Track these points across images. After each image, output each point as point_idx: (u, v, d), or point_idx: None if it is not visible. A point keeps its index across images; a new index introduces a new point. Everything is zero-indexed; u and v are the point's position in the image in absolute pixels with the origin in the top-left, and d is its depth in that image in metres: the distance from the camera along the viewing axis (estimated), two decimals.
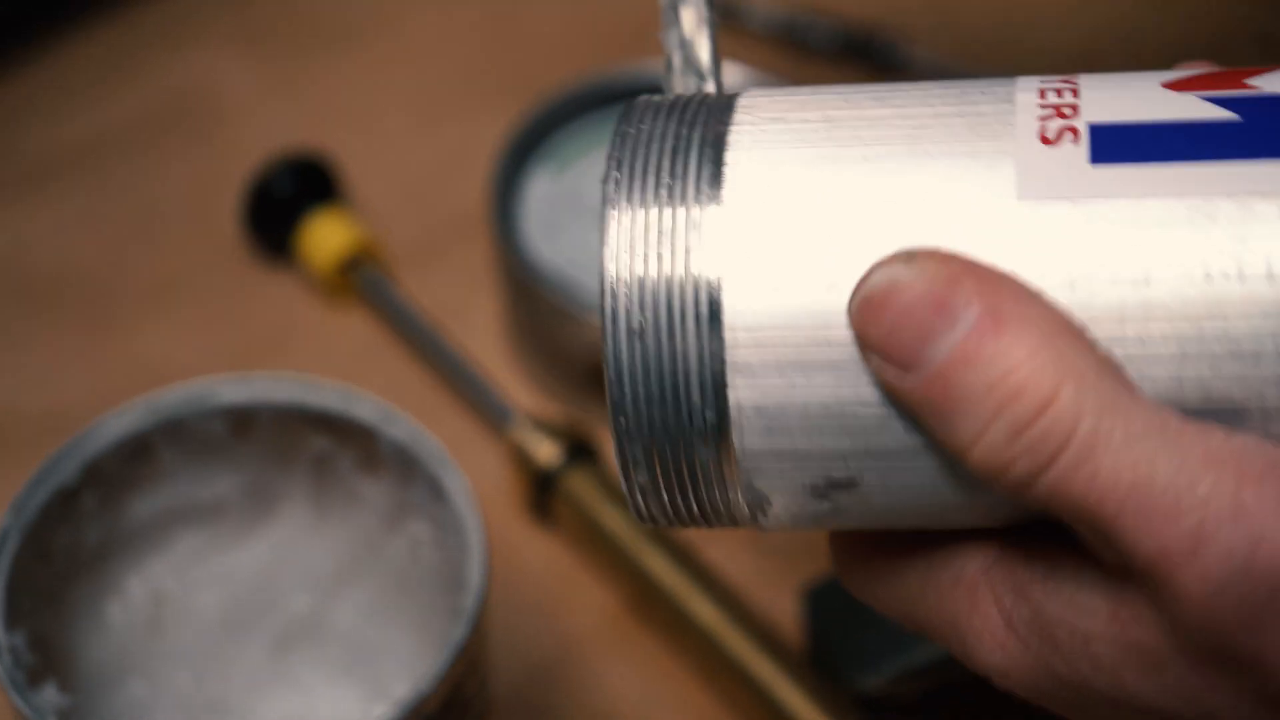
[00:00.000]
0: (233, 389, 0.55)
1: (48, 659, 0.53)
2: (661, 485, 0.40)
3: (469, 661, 0.51)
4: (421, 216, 0.71)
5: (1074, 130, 0.38)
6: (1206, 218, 0.37)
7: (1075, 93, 0.39)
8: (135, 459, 0.55)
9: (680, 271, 0.39)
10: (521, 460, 0.63)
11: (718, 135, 0.40)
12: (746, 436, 0.39)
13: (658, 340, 0.39)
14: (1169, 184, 0.37)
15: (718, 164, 0.39)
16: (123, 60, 0.76)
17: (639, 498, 0.41)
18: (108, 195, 0.72)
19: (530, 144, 0.69)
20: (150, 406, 0.55)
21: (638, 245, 0.39)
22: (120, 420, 0.54)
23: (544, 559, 0.63)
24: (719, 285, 0.39)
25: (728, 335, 0.39)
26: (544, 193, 0.68)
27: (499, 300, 0.68)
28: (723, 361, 0.39)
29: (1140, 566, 0.36)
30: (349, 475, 0.56)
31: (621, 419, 0.39)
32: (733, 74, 0.69)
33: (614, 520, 0.62)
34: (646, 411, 0.39)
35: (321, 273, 0.68)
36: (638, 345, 0.39)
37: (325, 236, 0.68)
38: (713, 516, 0.41)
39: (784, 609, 0.60)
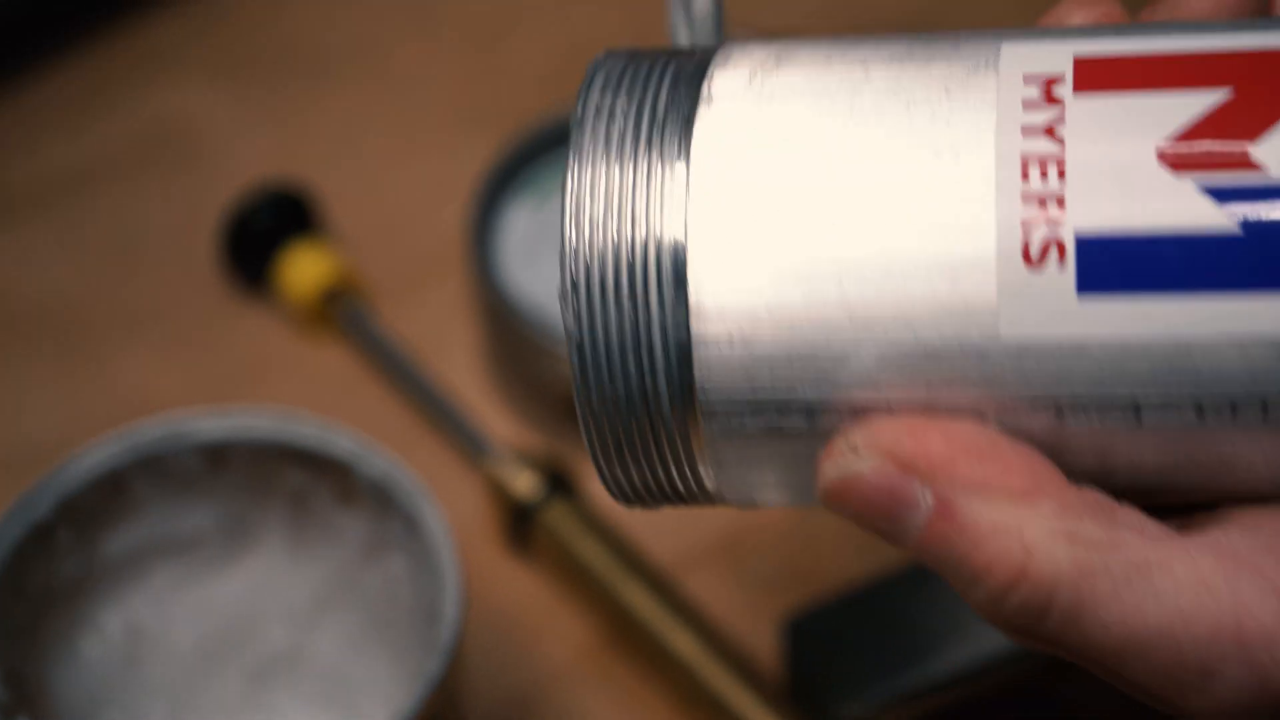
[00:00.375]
0: (209, 423, 0.55)
1: (22, 694, 0.53)
2: (630, 461, 0.39)
3: (445, 695, 0.51)
4: (401, 248, 0.71)
5: (1060, 248, 0.35)
6: (1204, 360, 0.35)
7: (1062, 169, 0.36)
8: (111, 494, 0.55)
9: (643, 233, 0.37)
10: (499, 492, 0.63)
11: (689, 106, 0.38)
12: (718, 449, 0.38)
13: (619, 310, 0.37)
14: (1163, 321, 0.35)
15: (687, 141, 0.37)
16: (102, 91, 0.76)
17: (604, 468, 0.39)
18: (85, 226, 0.72)
19: (509, 176, 0.69)
20: (126, 441, 0.55)
21: (598, 203, 0.37)
22: (96, 455, 0.54)
23: (522, 591, 0.63)
24: (684, 251, 0.37)
25: (694, 318, 0.37)
26: (523, 225, 0.68)
27: (478, 332, 0.68)
28: (689, 351, 0.37)
29: (1152, 695, 0.36)
30: (326, 509, 0.56)
31: (583, 388, 0.38)
32: None
33: (592, 552, 0.62)
34: (610, 385, 0.38)
35: (300, 305, 0.68)
36: (598, 313, 0.37)
37: (304, 268, 0.68)
38: (686, 496, 0.40)
39: (763, 641, 0.60)
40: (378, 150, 0.74)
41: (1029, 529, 0.36)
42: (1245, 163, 0.35)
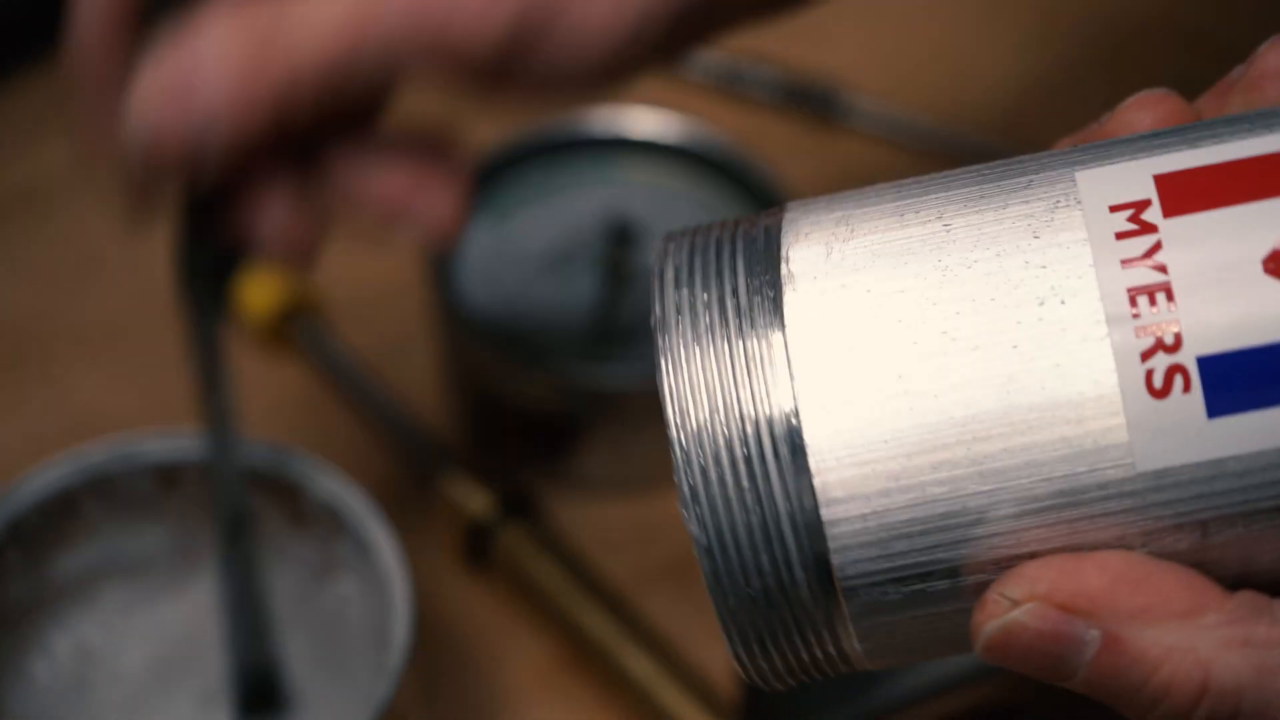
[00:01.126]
0: (160, 445, 0.55)
1: None
2: (773, 651, 0.38)
3: (396, 717, 0.51)
4: (361, 266, 0.71)
5: (1184, 374, 0.35)
6: None
7: (1171, 296, 0.35)
8: (61, 515, 0.55)
9: (753, 411, 0.36)
10: (456, 512, 0.63)
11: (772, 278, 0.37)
12: (859, 610, 0.37)
13: (744, 508, 0.36)
14: None
15: (777, 301, 0.37)
16: (60, 107, 0.75)
17: (747, 662, 0.38)
18: (43, 243, 0.72)
19: (469, 194, 0.68)
20: (76, 462, 0.55)
21: (701, 407, 0.36)
22: (45, 477, 0.54)
23: (478, 611, 0.63)
24: (801, 436, 0.36)
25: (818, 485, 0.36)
26: (483, 243, 0.68)
27: (437, 352, 0.68)
28: (822, 536, 0.36)
29: None
30: (277, 531, 0.56)
31: (717, 589, 0.37)
32: (674, 124, 0.69)
33: (549, 573, 0.62)
34: (745, 582, 0.37)
35: (259, 324, 0.68)
36: (722, 514, 0.36)
37: (262, 287, 0.68)
38: (830, 670, 0.39)
39: (719, 662, 0.60)
40: None
41: (1201, 645, 0.36)
42: None
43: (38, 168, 0.74)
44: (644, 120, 0.70)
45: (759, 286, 0.37)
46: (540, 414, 0.65)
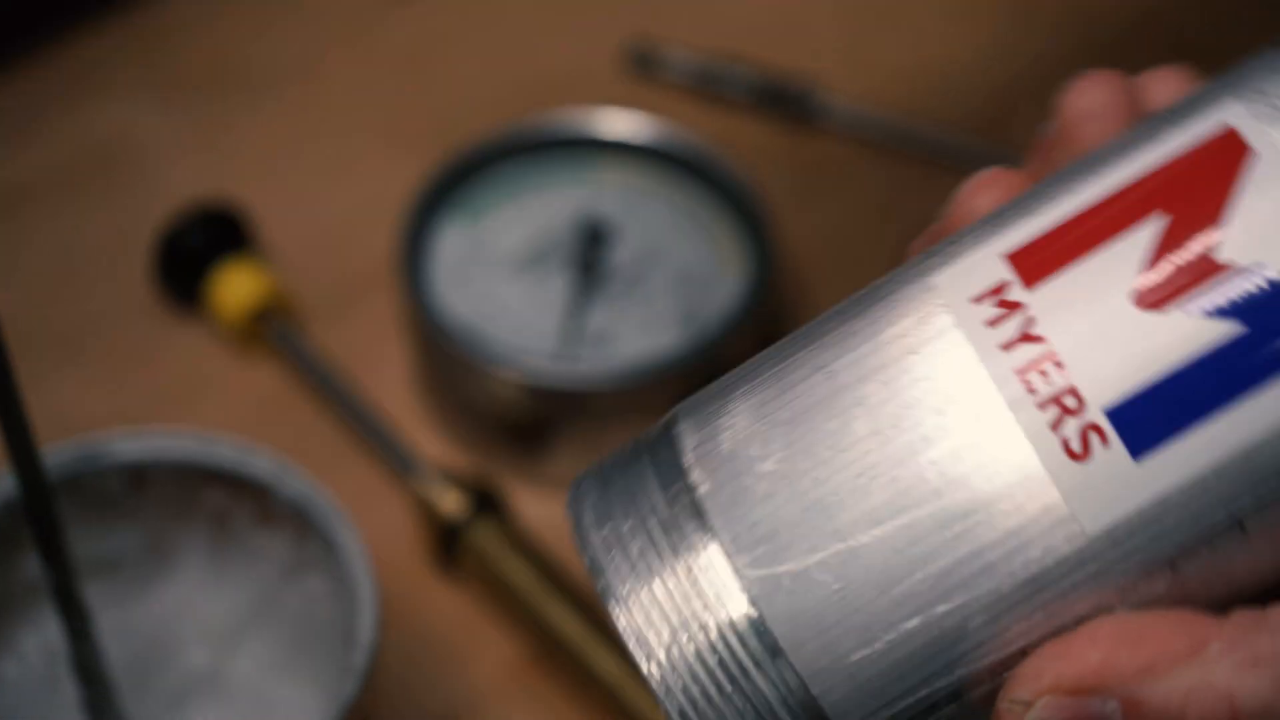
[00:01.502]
0: (129, 444, 0.55)
1: None
2: None
3: (361, 716, 0.51)
4: (334, 266, 0.71)
5: (1097, 430, 0.36)
6: (1275, 451, 0.36)
7: (1058, 362, 0.36)
8: None
9: (717, 625, 0.36)
10: (427, 511, 0.63)
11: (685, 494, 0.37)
12: None
13: (727, 700, 0.36)
14: (1222, 439, 0.36)
15: (698, 511, 0.37)
16: (35, 110, 0.76)
17: None
18: (18, 245, 0.72)
19: (442, 195, 0.69)
20: (45, 462, 0.55)
21: (655, 617, 0.37)
22: (12, 478, 0.54)
23: (449, 610, 0.63)
24: (767, 629, 0.36)
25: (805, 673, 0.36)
26: (455, 244, 0.68)
27: (408, 352, 0.68)
28: (814, 703, 0.36)
29: None
30: (246, 530, 0.56)
31: None
32: (648, 125, 0.70)
33: (518, 572, 0.62)
34: None
35: (231, 324, 0.68)
36: (712, 717, 0.36)
37: (235, 288, 0.68)
38: None
39: None
40: (311, 168, 0.74)
41: (1217, 676, 0.36)
42: (1213, 269, 0.36)
43: (12, 170, 0.74)
44: (617, 121, 0.70)
45: (674, 497, 0.37)
46: (511, 414, 0.65)
